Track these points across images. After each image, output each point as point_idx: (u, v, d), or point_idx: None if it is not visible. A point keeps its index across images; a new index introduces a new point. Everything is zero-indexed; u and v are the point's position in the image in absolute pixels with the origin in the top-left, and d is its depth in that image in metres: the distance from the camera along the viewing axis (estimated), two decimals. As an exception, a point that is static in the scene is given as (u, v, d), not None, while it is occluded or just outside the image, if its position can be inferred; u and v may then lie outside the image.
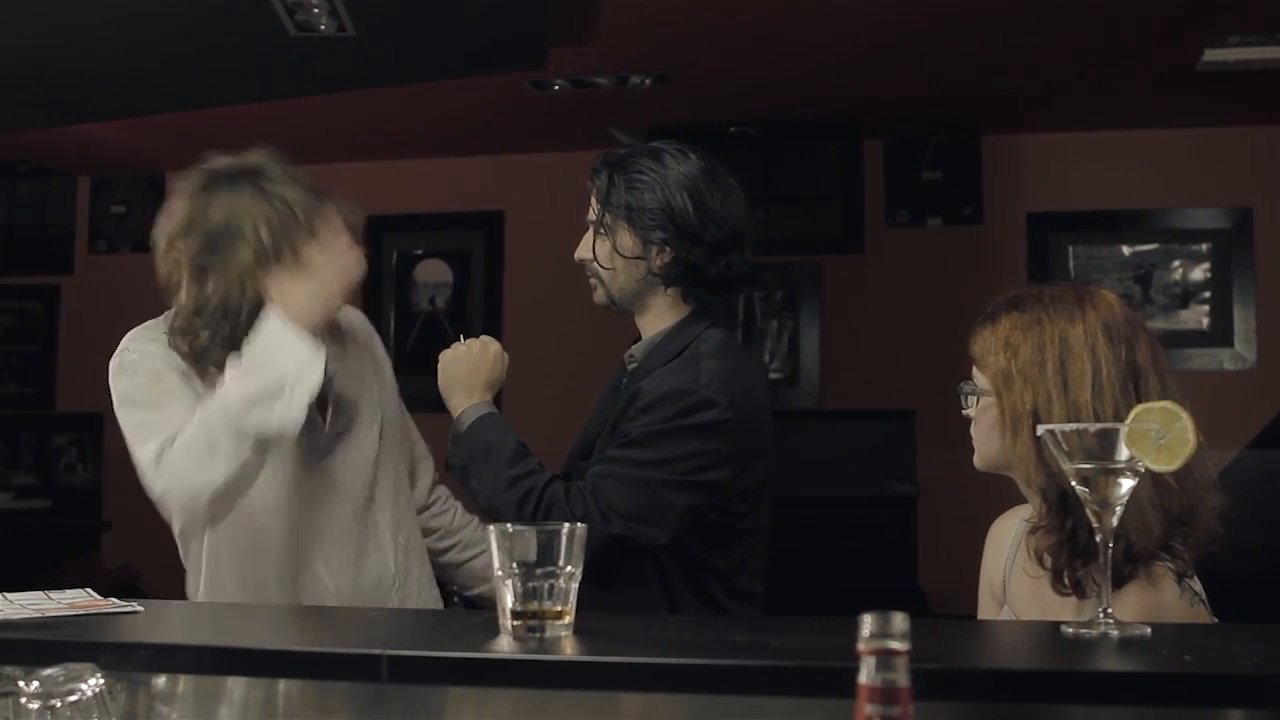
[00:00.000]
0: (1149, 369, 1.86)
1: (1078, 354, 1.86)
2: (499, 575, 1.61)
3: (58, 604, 1.87)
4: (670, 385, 2.39)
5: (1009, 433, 1.90)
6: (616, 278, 2.52)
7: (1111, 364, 1.84)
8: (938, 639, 1.61)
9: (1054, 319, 1.89)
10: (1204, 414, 1.62)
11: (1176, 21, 4.43)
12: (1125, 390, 1.83)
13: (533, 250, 6.15)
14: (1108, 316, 1.89)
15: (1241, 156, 5.66)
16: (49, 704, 1.37)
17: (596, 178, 2.58)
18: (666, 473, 2.34)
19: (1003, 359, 1.91)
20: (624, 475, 2.35)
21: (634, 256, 2.49)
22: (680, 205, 2.45)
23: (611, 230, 2.52)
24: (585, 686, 1.53)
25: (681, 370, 2.43)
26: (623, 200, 2.50)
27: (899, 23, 4.51)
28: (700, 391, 2.37)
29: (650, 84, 5.17)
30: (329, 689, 1.60)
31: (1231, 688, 1.38)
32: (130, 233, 6.71)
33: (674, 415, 2.36)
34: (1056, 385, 1.85)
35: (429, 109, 5.54)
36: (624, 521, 2.31)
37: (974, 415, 2.01)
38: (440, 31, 4.31)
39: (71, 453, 6.72)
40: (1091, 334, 1.86)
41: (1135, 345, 1.87)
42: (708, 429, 2.36)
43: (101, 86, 4.76)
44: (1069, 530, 1.80)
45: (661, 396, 2.38)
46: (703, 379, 2.39)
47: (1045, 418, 1.84)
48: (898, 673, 1.08)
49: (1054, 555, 1.84)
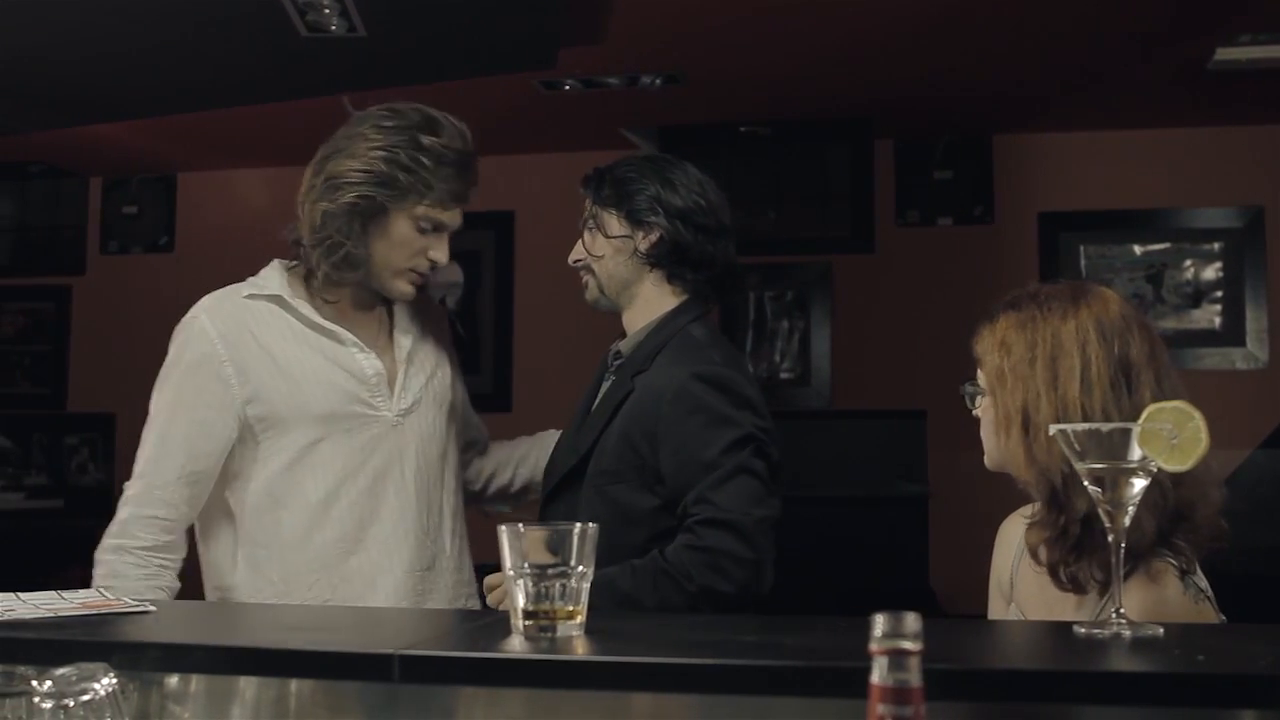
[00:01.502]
0: (1143, 365, 1.86)
1: (1068, 350, 1.87)
2: (510, 575, 1.61)
3: (70, 603, 1.88)
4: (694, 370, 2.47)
5: (1001, 431, 1.91)
6: (605, 265, 2.61)
7: (1102, 360, 1.85)
8: (950, 639, 1.61)
9: (1048, 317, 1.91)
10: (1216, 414, 1.61)
11: (1188, 20, 4.42)
12: (1116, 386, 1.84)
13: (543, 250, 6.14)
14: (1101, 313, 1.90)
15: (1253, 155, 5.65)
16: (62, 703, 1.38)
17: (588, 183, 2.68)
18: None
19: (997, 358, 1.93)
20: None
21: (621, 235, 2.58)
22: (667, 191, 2.57)
23: (599, 220, 2.62)
24: (597, 686, 1.53)
25: (688, 359, 2.49)
26: (611, 191, 2.61)
27: (910, 22, 4.50)
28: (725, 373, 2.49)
29: (661, 84, 5.17)
30: (340, 689, 1.60)
31: (1245, 688, 1.38)
32: (142, 233, 6.73)
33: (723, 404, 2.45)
34: (1045, 381, 1.86)
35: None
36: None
37: (980, 415, 2.03)
38: (451, 32, 4.31)
39: (83, 453, 6.73)
40: (1083, 330, 1.88)
41: (1130, 341, 1.87)
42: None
43: (112, 87, 4.77)
44: (1061, 526, 1.81)
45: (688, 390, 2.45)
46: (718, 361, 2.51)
47: (1034, 414, 1.85)
48: (910, 673, 1.08)
49: (1048, 550, 1.86)
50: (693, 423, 2.42)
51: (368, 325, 2.64)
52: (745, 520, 2.35)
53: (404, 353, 2.64)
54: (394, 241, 2.55)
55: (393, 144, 2.55)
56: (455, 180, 2.59)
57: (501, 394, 6.20)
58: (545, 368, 6.11)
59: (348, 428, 2.53)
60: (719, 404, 2.43)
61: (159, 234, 6.70)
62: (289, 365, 2.53)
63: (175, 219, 6.70)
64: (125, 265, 6.72)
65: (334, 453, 2.52)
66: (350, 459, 2.53)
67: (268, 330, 2.55)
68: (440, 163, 2.56)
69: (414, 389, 2.63)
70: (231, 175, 6.59)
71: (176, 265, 6.52)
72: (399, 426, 2.59)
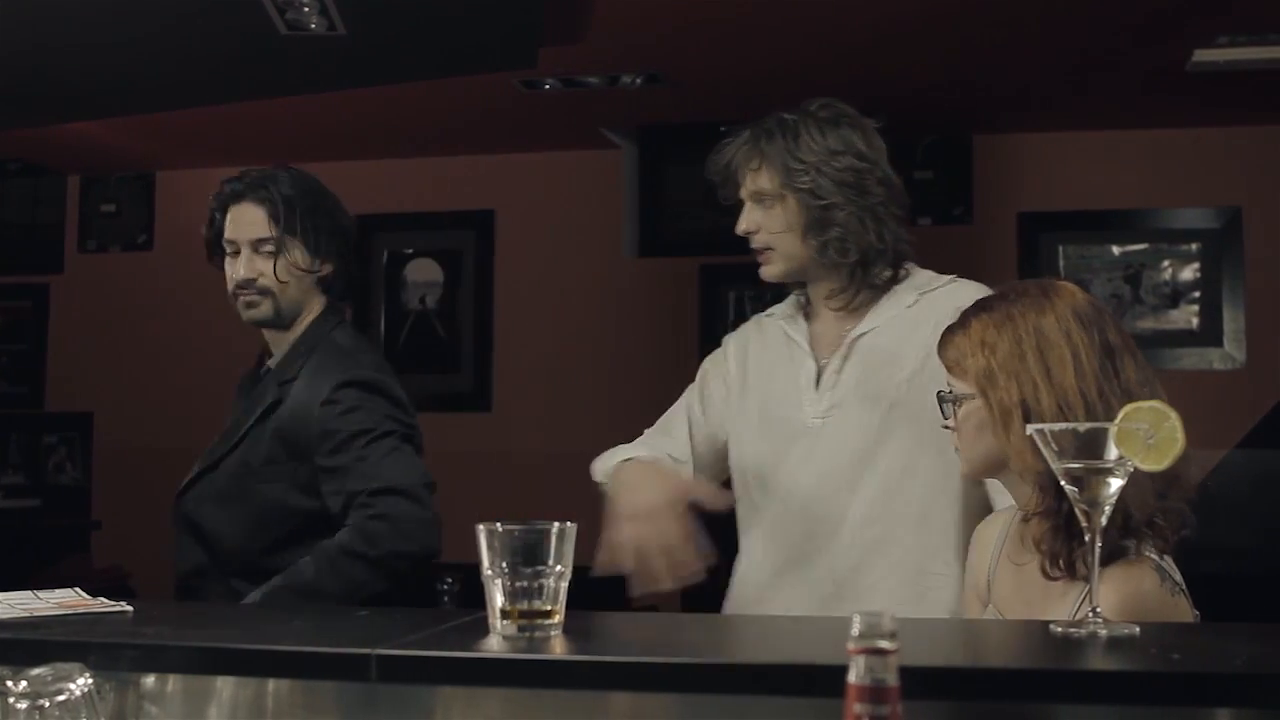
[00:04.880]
0: (1122, 348, 1.92)
1: (1054, 341, 1.90)
2: (488, 575, 1.61)
3: (46, 603, 1.87)
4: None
5: (1001, 428, 1.92)
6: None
7: (1088, 346, 1.89)
8: (927, 638, 1.61)
9: (1023, 313, 1.93)
10: (1193, 414, 1.62)
11: (1166, 22, 4.44)
12: (1104, 370, 1.88)
13: (523, 250, 6.15)
14: (1073, 303, 1.94)
15: (1231, 156, 5.67)
16: (37, 704, 1.37)
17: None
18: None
19: (982, 358, 1.94)
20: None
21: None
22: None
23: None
24: (574, 686, 1.53)
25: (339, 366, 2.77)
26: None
27: (889, 23, 4.51)
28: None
29: (641, 84, 5.17)
30: (318, 688, 1.60)
31: (1220, 687, 1.39)
32: (120, 232, 6.69)
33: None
34: (1040, 373, 1.89)
35: (420, 108, 5.53)
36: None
37: (956, 424, 2.02)
38: (431, 31, 4.30)
39: (61, 452, 6.70)
40: (1064, 320, 1.91)
41: (1105, 327, 1.93)
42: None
43: (91, 85, 4.75)
44: (1065, 513, 1.82)
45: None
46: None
47: (1034, 405, 1.87)
48: (887, 672, 1.08)
49: (1050, 539, 1.87)
50: (348, 421, 2.68)
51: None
52: (415, 485, 2.62)
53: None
54: None
55: None
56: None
57: (482, 393, 6.19)
58: (525, 367, 6.10)
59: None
60: (372, 405, 2.71)
61: (137, 232, 6.67)
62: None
63: (154, 217, 6.66)
64: (103, 264, 6.69)
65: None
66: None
67: None
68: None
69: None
70: (211, 174, 6.48)
71: (155, 264, 6.49)
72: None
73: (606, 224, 6.08)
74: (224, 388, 3.21)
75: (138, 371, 6.34)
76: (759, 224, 2.55)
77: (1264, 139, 5.60)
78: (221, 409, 3.07)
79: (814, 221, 2.48)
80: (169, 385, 6.19)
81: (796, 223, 2.50)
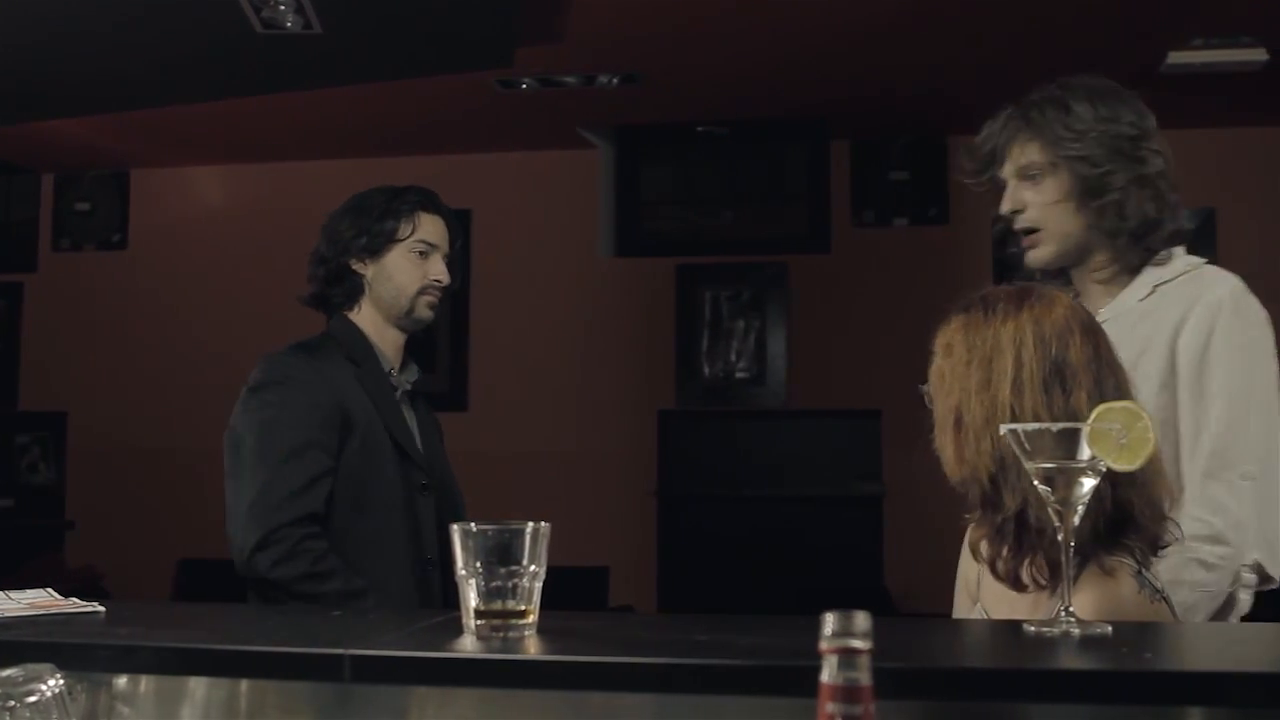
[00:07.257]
0: (1081, 368, 1.84)
1: (1004, 351, 1.87)
2: (462, 575, 1.61)
3: (17, 604, 1.86)
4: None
5: (939, 431, 1.92)
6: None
7: (1036, 363, 1.85)
8: (900, 638, 1.62)
9: (990, 320, 1.91)
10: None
11: (1141, 23, 4.46)
12: (1049, 389, 1.83)
13: (500, 249, 6.14)
14: (1042, 315, 1.89)
15: (1205, 157, 5.69)
16: (7, 705, 1.36)
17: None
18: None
19: (940, 359, 1.94)
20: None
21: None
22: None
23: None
24: (549, 686, 1.52)
25: None
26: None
27: (866, 23, 4.53)
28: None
29: (618, 83, 5.17)
30: (291, 689, 1.60)
31: (1191, 685, 1.39)
32: (94, 230, 6.66)
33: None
34: (978, 383, 1.87)
35: (396, 107, 5.52)
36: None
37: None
38: (408, 30, 4.29)
39: (34, 451, 6.66)
40: (1020, 333, 1.87)
41: (1069, 344, 1.86)
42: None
43: (66, 83, 4.73)
44: (997, 524, 1.82)
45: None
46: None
47: (965, 415, 1.86)
48: (860, 671, 1.08)
49: (987, 546, 1.87)
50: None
51: None
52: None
53: None
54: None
55: None
56: None
57: (457, 393, 6.18)
58: (501, 366, 6.10)
59: None
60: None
61: (112, 231, 6.64)
62: None
63: (129, 216, 6.63)
64: (77, 262, 6.66)
65: None
66: None
67: None
68: None
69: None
70: (186, 172, 6.54)
71: (130, 263, 6.46)
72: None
73: (583, 224, 6.08)
74: (198, 387, 3.20)
75: (112, 371, 6.31)
76: (1025, 201, 2.48)
77: (1238, 140, 5.64)
78: (196, 408, 3.06)
79: (1089, 190, 2.40)
80: (144, 385, 6.16)
81: (1071, 192, 2.43)
